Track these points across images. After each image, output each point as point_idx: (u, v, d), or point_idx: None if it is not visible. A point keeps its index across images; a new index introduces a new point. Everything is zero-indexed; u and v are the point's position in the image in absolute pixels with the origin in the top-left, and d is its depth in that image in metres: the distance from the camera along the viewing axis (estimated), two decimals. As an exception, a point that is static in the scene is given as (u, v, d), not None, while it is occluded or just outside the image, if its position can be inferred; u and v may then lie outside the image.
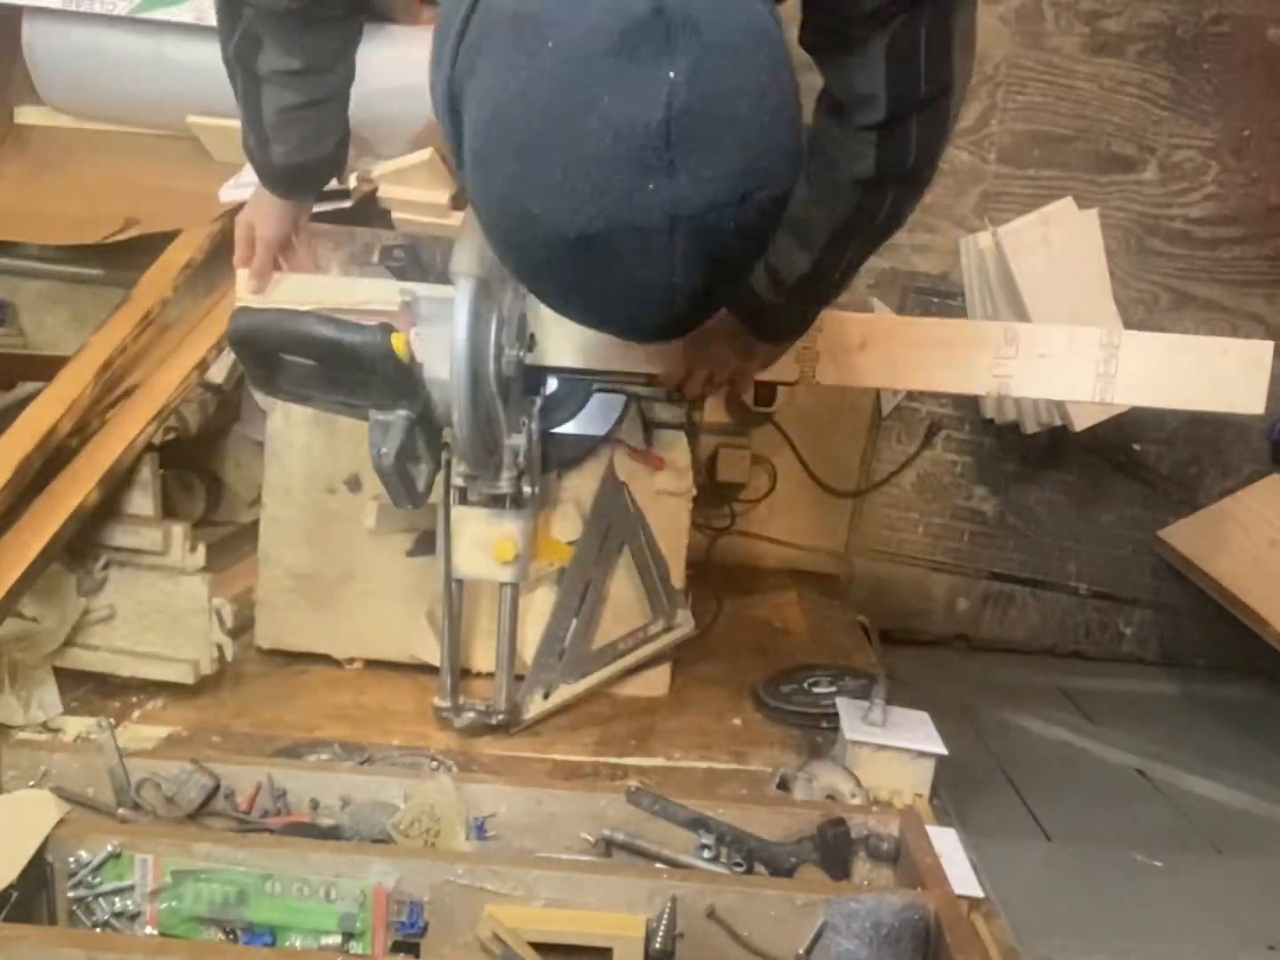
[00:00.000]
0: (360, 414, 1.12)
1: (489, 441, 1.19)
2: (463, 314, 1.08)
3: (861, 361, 1.33)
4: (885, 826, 1.06)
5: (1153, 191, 2.10)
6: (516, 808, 1.06)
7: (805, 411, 2.10)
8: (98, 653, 1.30)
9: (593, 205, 0.62)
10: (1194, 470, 2.19)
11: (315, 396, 1.15)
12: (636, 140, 0.60)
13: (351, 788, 1.07)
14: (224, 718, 1.31)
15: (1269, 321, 2.13)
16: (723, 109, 0.62)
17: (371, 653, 1.46)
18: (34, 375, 1.45)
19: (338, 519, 1.43)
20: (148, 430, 1.36)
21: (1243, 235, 2.11)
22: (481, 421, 1.14)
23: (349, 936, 0.95)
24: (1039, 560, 2.23)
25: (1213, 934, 1.40)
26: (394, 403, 1.10)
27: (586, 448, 1.40)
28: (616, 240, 0.63)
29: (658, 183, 0.61)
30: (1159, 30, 2.04)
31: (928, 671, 2.04)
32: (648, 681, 1.45)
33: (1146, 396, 1.37)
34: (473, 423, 1.12)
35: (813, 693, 1.44)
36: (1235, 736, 1.98)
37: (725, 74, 0.62)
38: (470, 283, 1.08)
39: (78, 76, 1.82)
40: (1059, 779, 1.77)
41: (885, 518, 2.21)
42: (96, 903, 0.96)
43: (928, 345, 1.33)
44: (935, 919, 0.93)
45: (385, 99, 1.05)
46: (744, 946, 0.95)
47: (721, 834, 1.04)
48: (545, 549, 1.39)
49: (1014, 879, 1.16)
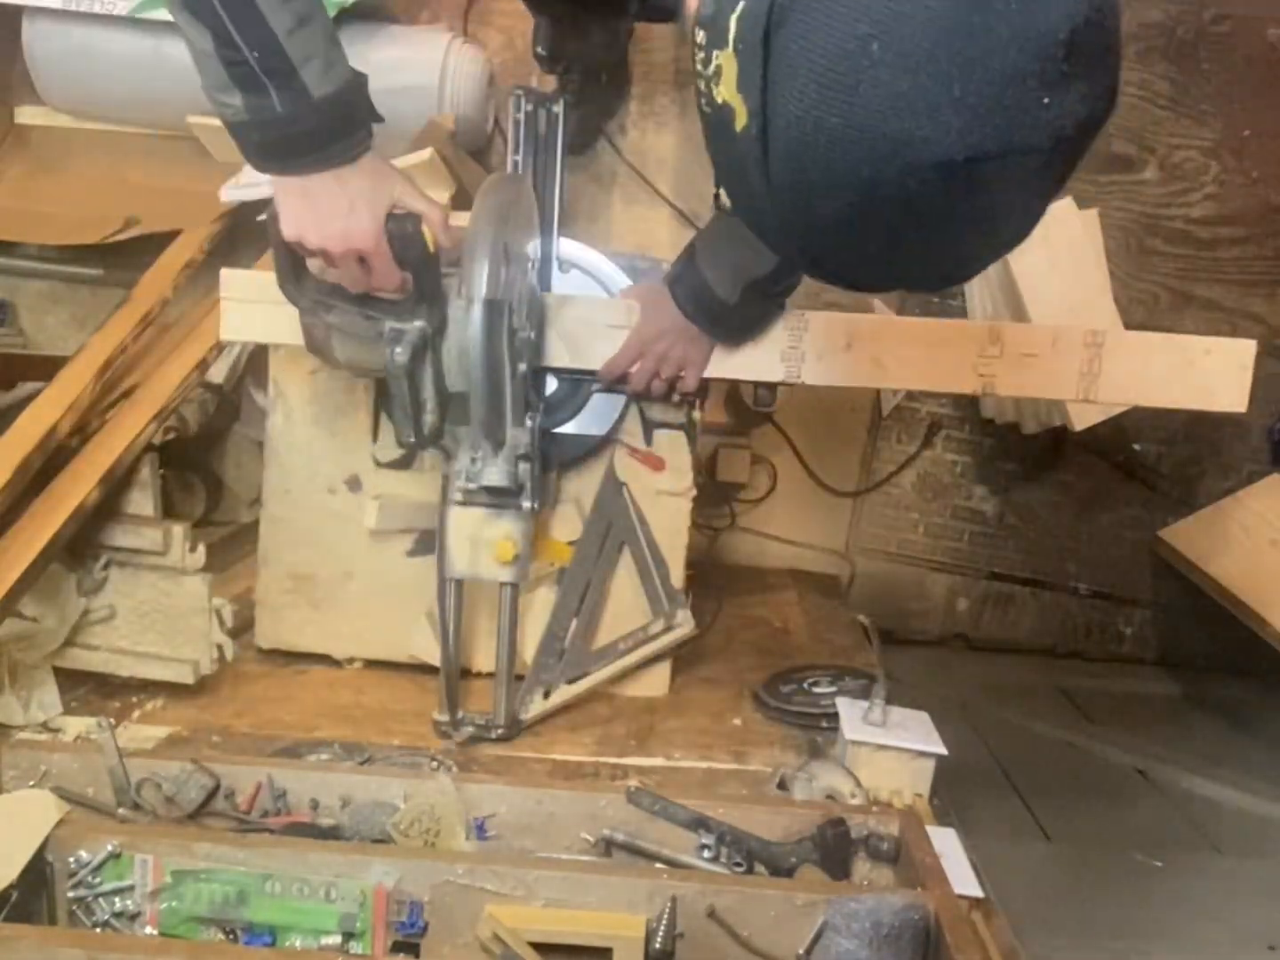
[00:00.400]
0: (377, 327, 1.14)
1: (498, 402, 1.20)
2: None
3: (847, 361, 1.33)
4: (885, 826, 1.06)
5: (1153, 191, 2.10)
6: (516, 808, 1.06)
7: (805, 411, 2.10)
8: (98, 653, 1.30)
9: (988, 124, 0.58)
10: (1194, 470, 2.19)
11: (337, 305, 1.15)
12: (1042, 52, 0.57)
13: (351, 788, 1.07)
14: (224, 718, 1.31)
15: (1269, 321, 2.13)
16: (1106, 22, 0.60)
17: (371, 653, 1.46)
18: (34, 375, 1.45)
19: (338, 519, 1.43)
20: (148, 430, 1.36)
21: (1243, 235, 2.11)
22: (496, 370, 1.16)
23: (349, 936, 0.95)
24: (1039, 560, 2.22)
25: (1213, 934, 1.40)
26: (412, 314, 1.13)
27: (586, 448, 1.40)
28: (1001, 164, 0.59)
29: (1052, 97, 0.58)
30: (1159, 30, 2.04)
31: (928, 671, 2.04)
32: (648, 681, 1.45)
33: (1131, 396, 1.37)
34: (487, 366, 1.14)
35: (813, 693, 1.44)
36: (1235, 736, 1.98)
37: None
38: None
39: (78, 76, 1.82)
40: (1059, 779, 1.77)
41: (885, 518, 2.21)
42: (96, 903, 0.96)
43: (913, 344, 1.33)
44: (935, 919, 0.93)
45: (385, 99, 1.05)
46: (744, 946, 0.95)
47: (721, 834, 1.04)
48: (545, 549, 1.39)
49: (1014, 879, 1.16)
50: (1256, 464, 2.16)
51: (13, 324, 1.94)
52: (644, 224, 2.06)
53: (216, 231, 1.70)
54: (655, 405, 1.39)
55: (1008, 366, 1.33)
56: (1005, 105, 0.58)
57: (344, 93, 0.97)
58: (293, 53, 0.91)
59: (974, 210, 0.62)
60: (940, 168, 0.59)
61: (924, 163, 0.59)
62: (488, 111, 1.95)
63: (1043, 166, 0.61)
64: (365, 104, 1.01)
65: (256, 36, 0.90)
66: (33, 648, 1.25)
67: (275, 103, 0.93)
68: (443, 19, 1.99)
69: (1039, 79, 0.58)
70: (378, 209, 1.02)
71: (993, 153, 0.58)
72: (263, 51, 0.91)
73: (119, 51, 1.77)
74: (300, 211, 1.01)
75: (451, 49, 1.82)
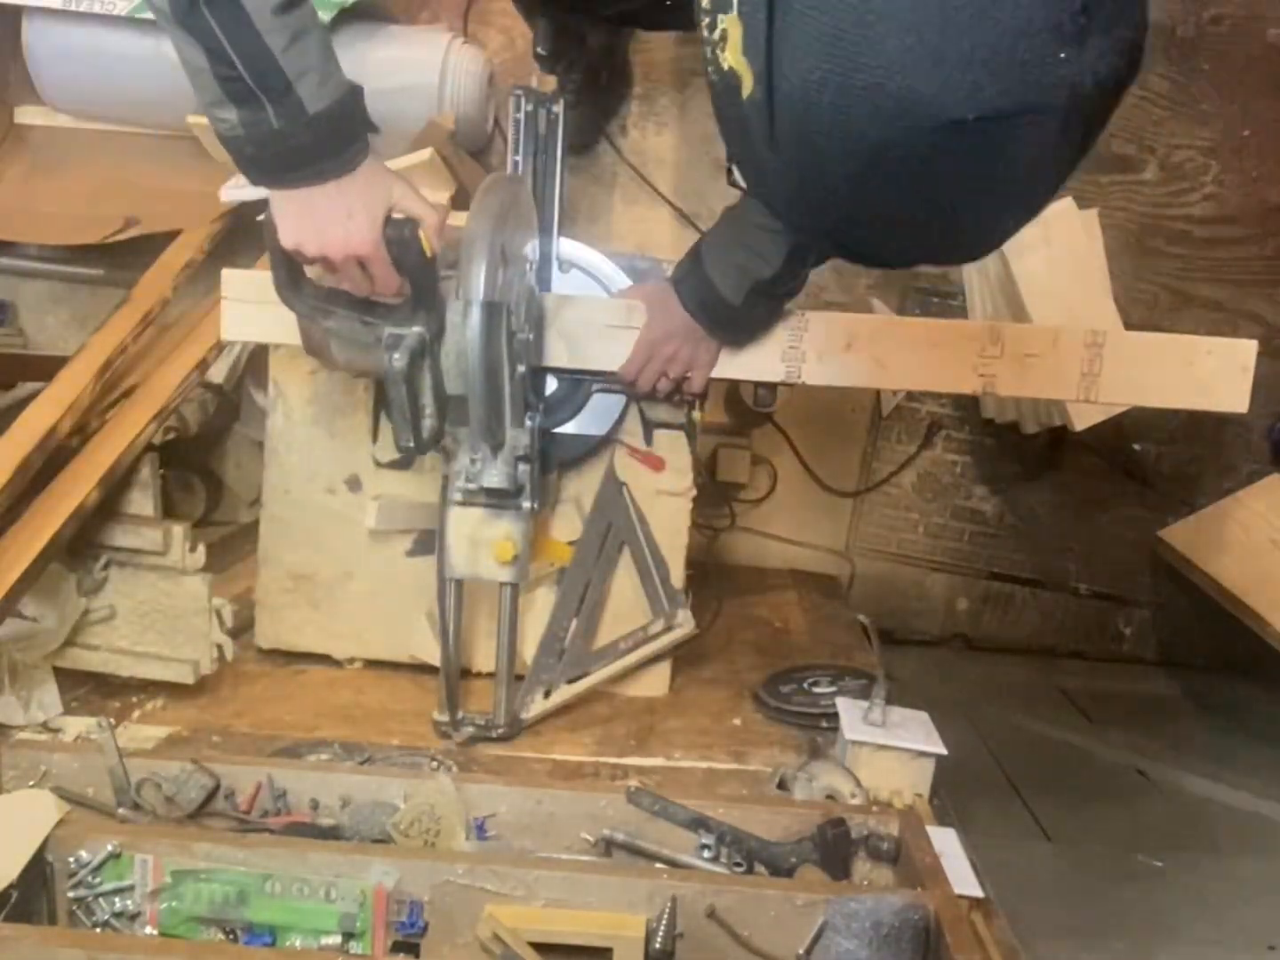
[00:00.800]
0: (375, 332, 1.14)
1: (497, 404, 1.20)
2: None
3: (848, 361, 1.33)
4: (885, 826, 1.06)
5: (1153, 191, 2.10)
6: (516, 808, 1.06)
7: (805, 411, 2.10)
8: (98, 653, 1.30)
9: (1002, 82, 0.55)
10: (1194, 470, 2.19)
11: (334, 311, 1.14)
12: (1057, 3, 0.54)
13: (351, 788, 1.07)
14: (224, 718, 1.31)
15: (1269, 321, 2.13)
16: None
17: (371, 653, 1.46)
18: (34, 375, 1.45)
19: (338, 519, 1.43)
20: (148, 430, 1.36)
21: (1243, 235, 2.11)
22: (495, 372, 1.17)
23: (349, 936, 0.95)
24: (1039, 560, 2.22)
25: (1213, 934, 1.40)
26: (410, 320, 1.13)
27: (586, 448, 1.40)
28: (1017, 123, 0.56)
29: (1069, 52, 0.55)
30: (1159, 30, 2.04)
31: (928, 671, 2.04)
32: (648, 681, 1.45)
33: (1132, 396, 1.37)
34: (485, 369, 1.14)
35: (813, 693, 1.44)
36: (1235, 736, 1.98)
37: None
38: None
39: (78, 76, 1.82)
40: (1059, 779, 1.77)
41: (885, 518, 2.21)
42: (96, 903, 0.96)
43: (913, 345, 1.33)
44: (935, 919, 0.93)
45: (385, 99, 1.05)
46: (744, 946, 0.95)
47: (721, 834, 1.04)
48: (545, 549, 1.39)
49: (1014, 879, 1.16)
50: (1256, 464, 2.16)
51: (13, 324, 1.94)
52: (644, 224, 2.06)
53: (216, 231, 1.70)
54: (656, 405, 1.39)
55: (1008, 367, 1.33)
56: (1018, 60, 0.54)
57: (340, 106, 0.96)
58: (288, 68, 0.90)
59: (989, 174, 0.59)
60: (950, 127, 0.55)
61: (933, 122, 0.55)
62: (488, 111, 1.95)
63: (1061, 127, 0.57)
64: (361, 116, 1.00)
65: (251, 52, 0.89)
66: (33, 648, 1.25)
67: (271, 118, 0.92)
68: (443, 19, 1.99)
69: (1055, 32, 0.54)
70: (376, 214, 1.02)
71: (1006, 111, 0.55)
72: (258, 67, 0.90)
73: (119, 51, 1.77)
74: (298, 220, 1.00)
75: (451, 49, 1.82)
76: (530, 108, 1.37)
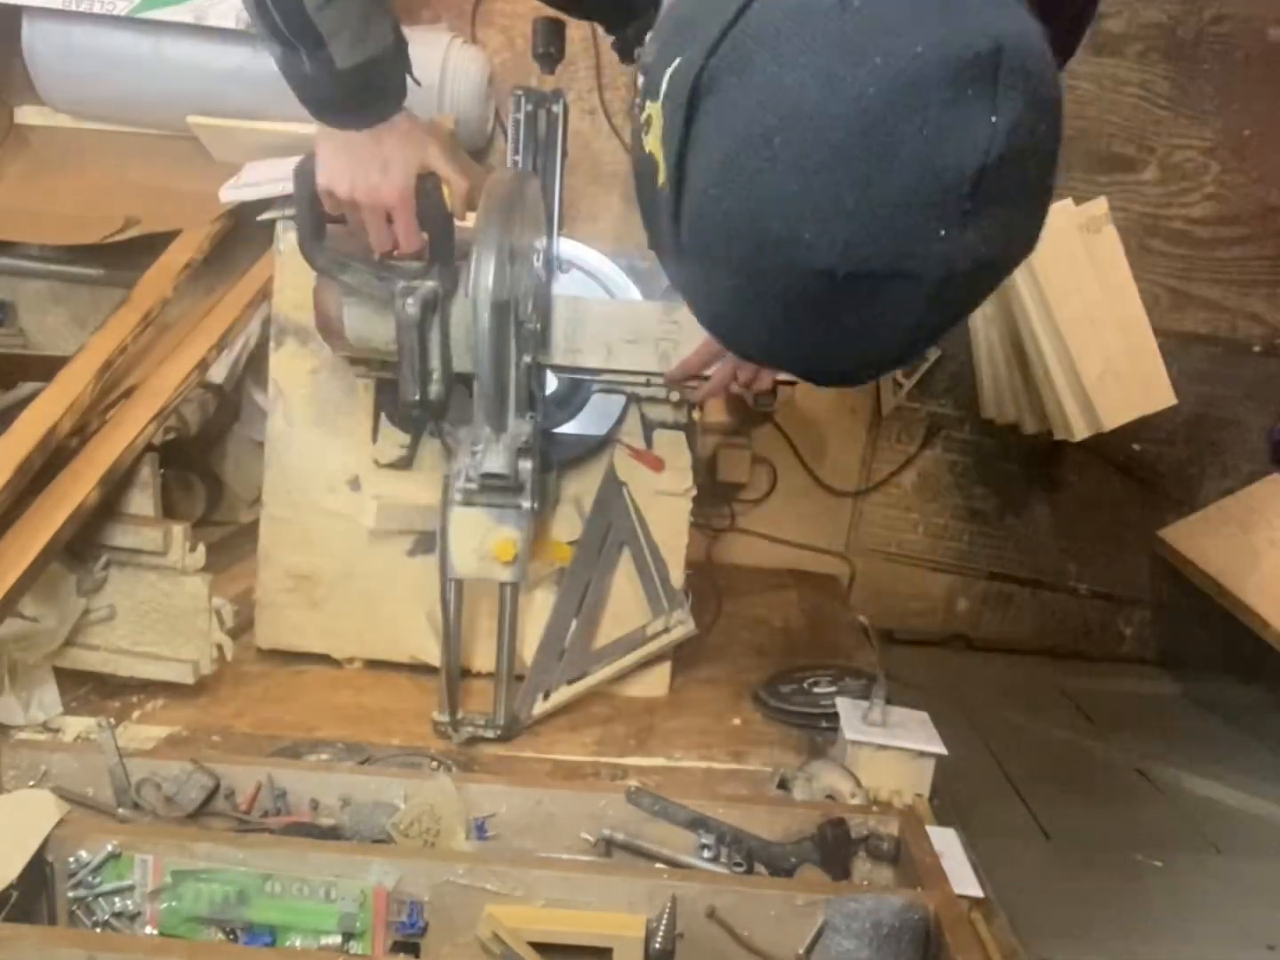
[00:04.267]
0: (390, 287, 1.17)
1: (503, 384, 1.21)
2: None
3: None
4: (885, 826, 1.06)
5: (1153, 191, 2.10)
6: (516, 808, 1.06)
7: (805, 411, 2.11)
8: (98, 653, 1.30)
9: (876, 244, 0.56)
10: (1194, 470, 2.19)
11: (352, 264, 1.18)
12: (945, 183, 0.55)
13: (351, 788, 1.07)
14: (224, 718, 1.31)
15: (1269, 321, 2.13)
16: (1022, 167, 0.57)
17: (371, 653, 1.46)
18: (34, 375, 1.45)
19: (338, 519, 1.43)
20: (148, 430, 1.36)
21: (1243, 235, 2.11)
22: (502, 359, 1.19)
23: (349, 936, 0.95)
24: (1039, 560, 2.23)
25: (1213, 934, 1.40)
26: (424, 277, 1.17)
27: (586, 448, 1.40)
28: (885, 285, 0.57)
29: (949, 232, 0.56)
30: (1159, 30, 2.04)
31: (928, 671, 2.04)
32: (648, 681, 1.45)
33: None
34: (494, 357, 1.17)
35: (813, 693, 1.44)
36: (1235, 736, 1.98)
37: (1036, 132, 0.57)
38: None
39: (78, 76, 1.82)
40: (1059, 779, 1.77)
41: (885, 518, 2.21)
42: (96, 903, 0.96)
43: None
44: (935, 919, 0.93)
45: (385, 99, 1.07)
46: (744, 946, 0.95)
47: (721, 834, 1.04)
48: (545, 549, 1.39)
49: (1014, 879, 1.16)
50: (1256, 464, 2.16)
51: (13, 324, 1.94)
52: (644, 224, 2.06)
53: (216, 231, 1.70)
54: (655, 405, 1.39)
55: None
56: (896, 229, 0.55)
57: (372, 64, 0.99)
58: (321, 26, 0.94)
59: (856, 322, 0.60)
60: (821, 275, 0.57)
61: (806, 267, 0.57)
62: (488, 111, 1.95)
63: (932, 295, 0.58)
64: (397, 74, 1.04)
65: (286, 9, 0.94)
66: (33, 648, 1.25)
67: (305, 63, 0.97)
68: (444, 19, 1.99)
69: (937, 210, 0.55)
70: (409, 169, 1.06)
71: (878, 272, 0.57)
72: (290, 20, 0.94)
73: (119, 51, 1.77)
74: (333, 160, 1.05)
75: (451, 49, 1.82)
76: (530, 108, 1.36)
